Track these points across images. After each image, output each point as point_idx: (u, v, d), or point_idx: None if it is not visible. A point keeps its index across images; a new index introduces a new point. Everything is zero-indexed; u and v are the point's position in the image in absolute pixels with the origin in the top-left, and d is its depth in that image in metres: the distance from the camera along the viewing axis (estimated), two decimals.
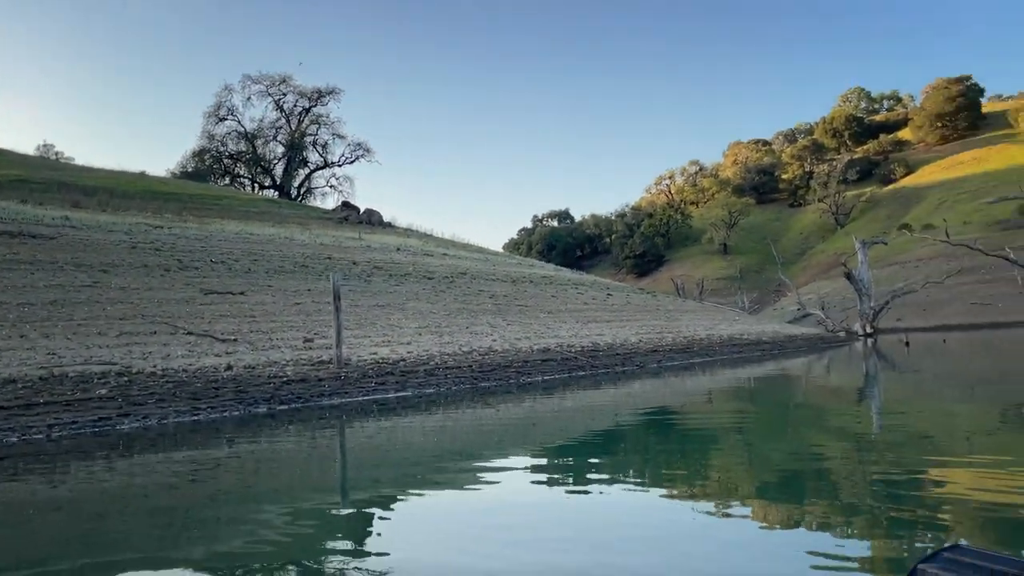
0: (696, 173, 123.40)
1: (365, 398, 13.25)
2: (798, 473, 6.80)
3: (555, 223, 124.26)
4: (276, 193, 58.94)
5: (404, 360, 15.58)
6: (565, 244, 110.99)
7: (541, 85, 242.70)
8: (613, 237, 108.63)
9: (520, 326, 21.13)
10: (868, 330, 40.60)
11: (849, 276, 41.14)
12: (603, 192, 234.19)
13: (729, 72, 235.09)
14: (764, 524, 4.99)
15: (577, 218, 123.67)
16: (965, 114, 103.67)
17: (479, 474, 6.94)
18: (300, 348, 15.25)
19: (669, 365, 19.34)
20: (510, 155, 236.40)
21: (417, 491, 6.45)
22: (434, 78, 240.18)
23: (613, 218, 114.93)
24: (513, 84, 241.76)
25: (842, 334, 41.43)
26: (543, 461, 7.96)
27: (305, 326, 17.12)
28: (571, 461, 7.91)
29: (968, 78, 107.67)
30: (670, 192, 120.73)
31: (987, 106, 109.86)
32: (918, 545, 4.26)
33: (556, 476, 7.06)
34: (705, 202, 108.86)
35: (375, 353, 15.76)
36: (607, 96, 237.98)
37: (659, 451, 8.58)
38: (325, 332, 16.24)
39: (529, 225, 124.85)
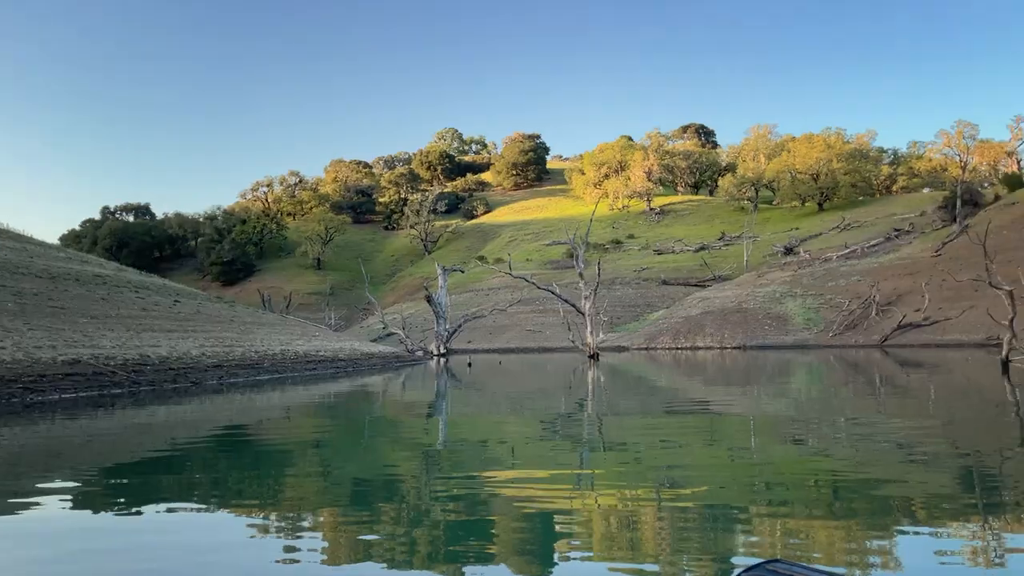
0: (296, 184, 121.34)
1: None
2: (370, 484, 7.14)
3: (131, 218, 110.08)
4: None
5: None
6: (141, 243, 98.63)
7: (147, 63, 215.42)
8: (199, 241, 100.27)
9: (46, 332, 17.07)
10: (442, 350, 43.38)
11: (429, 299, 43.58)
12: (193, 190, 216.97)
13: (340, 88, 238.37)
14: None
15: (159, 215, 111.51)
16: (534, 167, 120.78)
17: None
18: None
19: (232, 382, 17.44)
20: (79, 134, 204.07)
21: None
22: None
23: (201, 219, 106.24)
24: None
25: (419, 353, 43.59)
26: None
27: None
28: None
29: (538, 136, 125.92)
30: (267, 200, 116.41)
31: (551, 163, 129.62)
32: (472, 542, 4.91)
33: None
34: (303, 215, 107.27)
35: None
36: (213, 89, 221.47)
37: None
38: None
39: (97, 216, 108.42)
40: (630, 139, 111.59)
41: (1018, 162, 78.99)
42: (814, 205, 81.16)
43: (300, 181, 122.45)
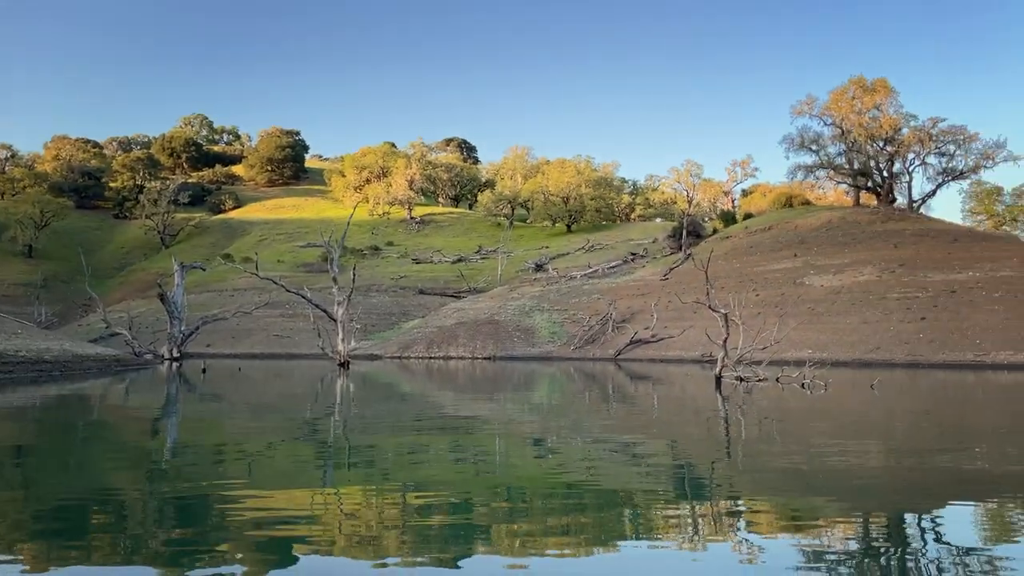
0: (7, 159, 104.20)
1: None
2: (78, 503, 6.37)
3: None
4: None
5: None
6: None
7: None
8: None
9: None
10: (175, 354, 39.42)
11: (162, 297, 39.43)
12: None
13: (65, 56, 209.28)
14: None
15: None
16: (291, 164, 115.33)
17: None
18: None
19: None
20: None
21: None
22: None
23: None
24: None
25: (149, 356, 39.23)
26: None
27: None
28: None
29: (298, 133, 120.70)
30: None
31: (310, 162, 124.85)
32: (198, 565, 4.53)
33: None
34: (14, 195, 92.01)
35: None
36: None
37: None
38: None
39: None
40: (394, 146, 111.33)
41: (733, 201, 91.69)
42: (563, 226, 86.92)
43: (12, 156, 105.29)
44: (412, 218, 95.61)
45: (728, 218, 71.45)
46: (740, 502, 6.60)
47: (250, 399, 18.82)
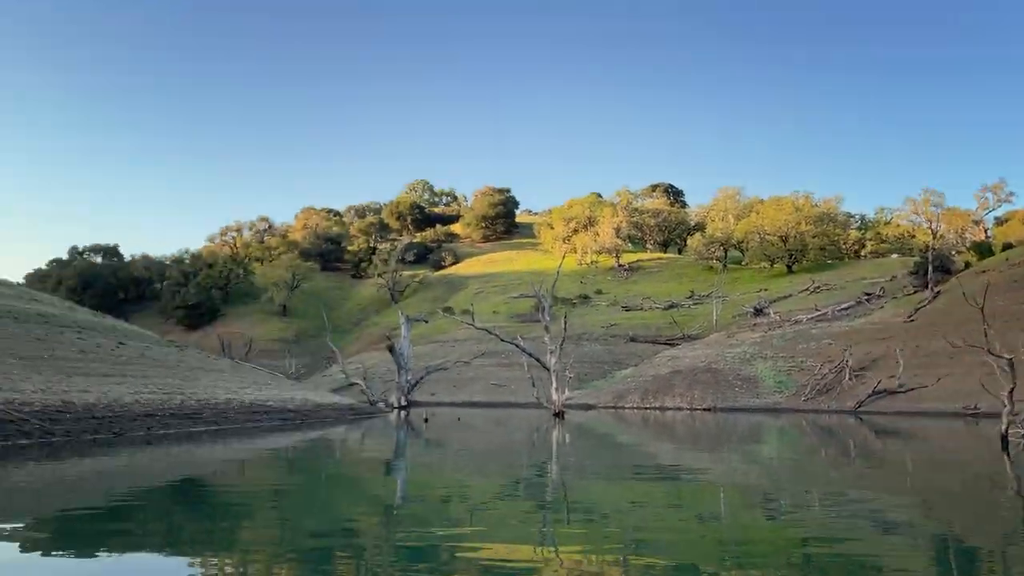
0: (265, 230, 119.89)
1: None
2: (326, 541, 6.99)
3: (99, 258, 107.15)
4: None
5: None
6: (106, 284, 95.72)
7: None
8: (165, 284, 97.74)
9: None
10: (403, 402, 41.88)
11: (391, 349, 42.25)
12: (163, 232, 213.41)
13: (314, 136, 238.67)
14: None
15: (127, 256, 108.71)
16: (503, 220, 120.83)
17: None
18: None
19: (164, 433, 16.06)
20: (50, 171, 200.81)
21: None
22: None
23: (168, 262, 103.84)
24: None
25: (381, 404, 42.05)
26: None
27: None
28: None
29: (508, 190, 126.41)
30: (235, 245, 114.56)
31: (520, 217, 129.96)
32: None
33: None
34: (270, 260, 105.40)
35: None
36: (185, 131, 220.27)
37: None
38: None
39: (65, 256, 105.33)
40: (599, 195, 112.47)
41: (985, 230, 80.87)
42: (783, 267, 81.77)
43: (269, 227, 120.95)
44: (620, 265, 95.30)
45: (983, 250, 62.82)
46: None
47: (471, 447, 19.17)
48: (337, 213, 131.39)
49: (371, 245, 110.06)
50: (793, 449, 20.42)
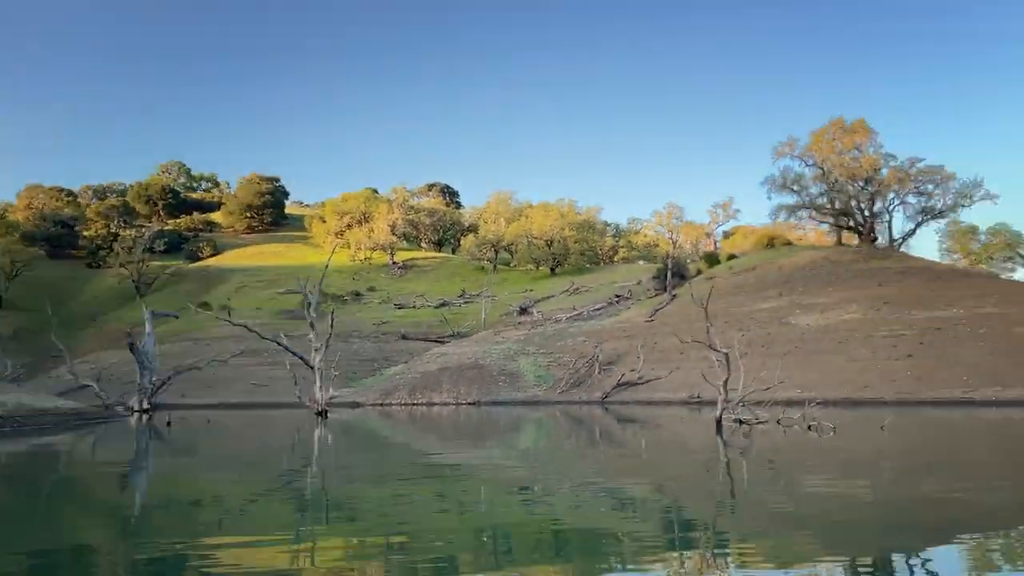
0: None
1: None
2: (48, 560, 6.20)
3: None
4: None
5: None
6: None
7: None
8: None
9: None
10: (146, 405, 37.99)
11: (132, 347, 38.18)
12: None
13: (39, 105, 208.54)
14: None
15: None
16: (271, 210, 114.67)
17: None
18: None
19: None
20: None
21: None
22: None
23: None
24: None
25: (121, 408, 37.79)
26: None
27: None
28: None
29: (277, 179, 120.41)
30: None
31: (290, 208, 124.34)
32: None
33: None
34: None
35: None
36: None
37: None
38: None
39: None
40: (375, 191, 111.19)
41: (715, 242, 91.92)
42: (547, 269, 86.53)
43: None
44: (394, 263, 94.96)
45: (712, 259, 71.43)
46: (733, 546, 6.10)
47: (222, 452, 17.77)
48: (71, 193, 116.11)
49: (112, 231, 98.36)
50: (548, 438, 21.55)
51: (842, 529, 6.83)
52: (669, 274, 59.99)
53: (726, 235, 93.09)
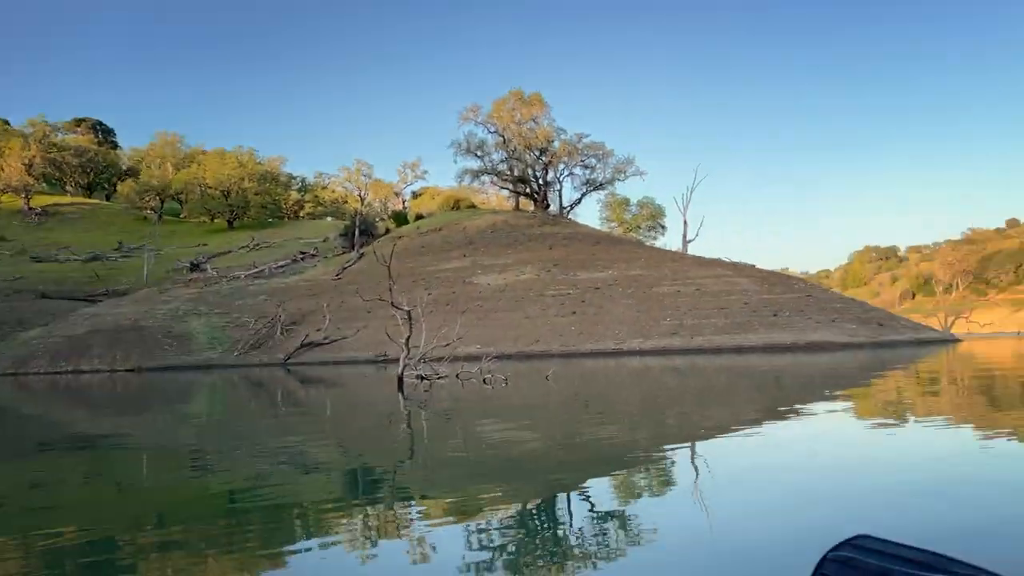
0: None
1: None
2: None
3: None
4: None
5: None
6: None
7: None
8: None
9: None
10: None
11: None
12: None
13: None
14: None
15: None
16: None
17: None
18: None
19: None
20: None
21: None
22: None
23: None
24: None
25: None
26: None
27: None
28: None
29: None
30: None
31: None
32: None
33: None
34: None
35: None
36: None
37: None
38: None
39: None
40: (6, 123, 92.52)
41: (403, 202, 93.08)
42: (224, 222, 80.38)
43: None
44: (31, 209, 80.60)
45: (400, 218, 72.48)
46: (417, 499, 6.19)
47: None
48: None
49: None
50: (223, 405, 20.13)
51: (513, 470, 7.32)
52: (357, 232, 59.65)
53: (415, 195, 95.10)
